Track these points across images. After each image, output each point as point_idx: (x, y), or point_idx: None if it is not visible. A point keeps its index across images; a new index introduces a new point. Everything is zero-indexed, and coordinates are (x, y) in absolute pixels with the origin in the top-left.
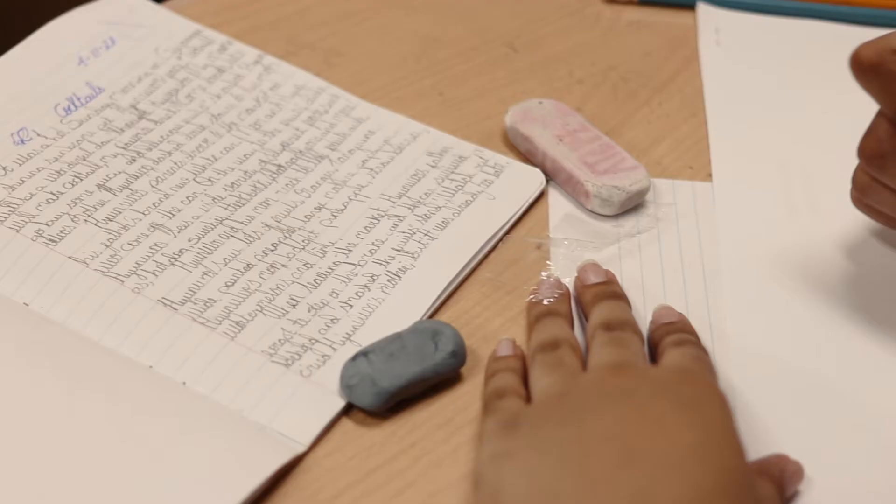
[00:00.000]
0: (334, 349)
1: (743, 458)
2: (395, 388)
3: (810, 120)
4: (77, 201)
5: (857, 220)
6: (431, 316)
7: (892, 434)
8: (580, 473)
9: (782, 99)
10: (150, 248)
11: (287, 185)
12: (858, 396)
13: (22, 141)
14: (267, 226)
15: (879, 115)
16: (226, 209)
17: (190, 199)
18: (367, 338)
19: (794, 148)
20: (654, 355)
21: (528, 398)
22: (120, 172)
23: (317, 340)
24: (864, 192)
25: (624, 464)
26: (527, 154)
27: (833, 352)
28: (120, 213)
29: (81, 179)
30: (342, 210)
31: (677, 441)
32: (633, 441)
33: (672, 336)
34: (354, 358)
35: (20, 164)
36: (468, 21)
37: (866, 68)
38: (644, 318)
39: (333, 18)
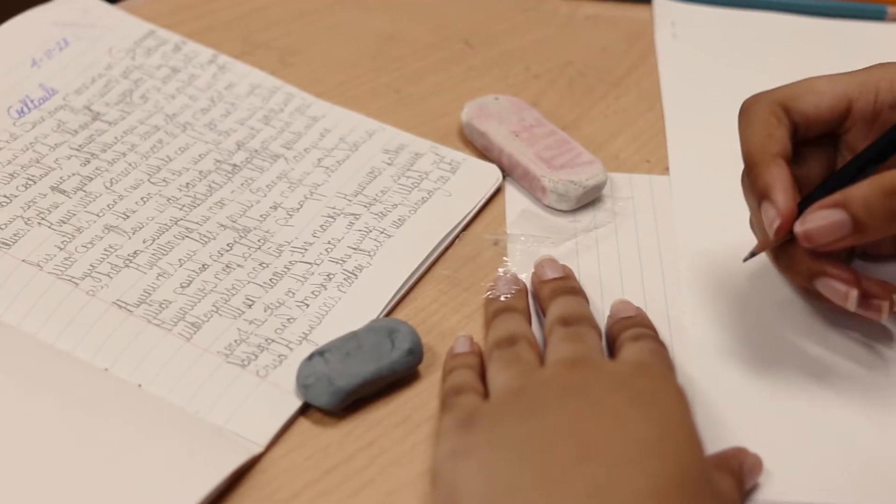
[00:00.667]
0: (291, 349)
1: (700, 452)
2: (352, 387)
3: None
4: (31, 204)
5: None
6: (388, 314)
7: (851, 426)
8: (537, 469)
9: (739, 92)
10: (105, 249)
11: (242, 184)
12: (817, 389)
13: None
14: (222, 226)
15: None
16: (181, 210)
17: (145, 200)
18: (323, 337)
19: None
20: (612, 350)
21: (485, 394)
22: (74, 174)
23: (273, 340)
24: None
25: (581, 459)
26: (483, 150)
27: (791, 344)
28: (74, 215)
29: (35, 182)
30: (298, 209)
31: (634, 436)
32: (590, 436)
33: (630, 330)
34: (311, 357)
35: None
36: (424, 18)
37: (740, 110)
38: (602, 312)
39: (289, 17)
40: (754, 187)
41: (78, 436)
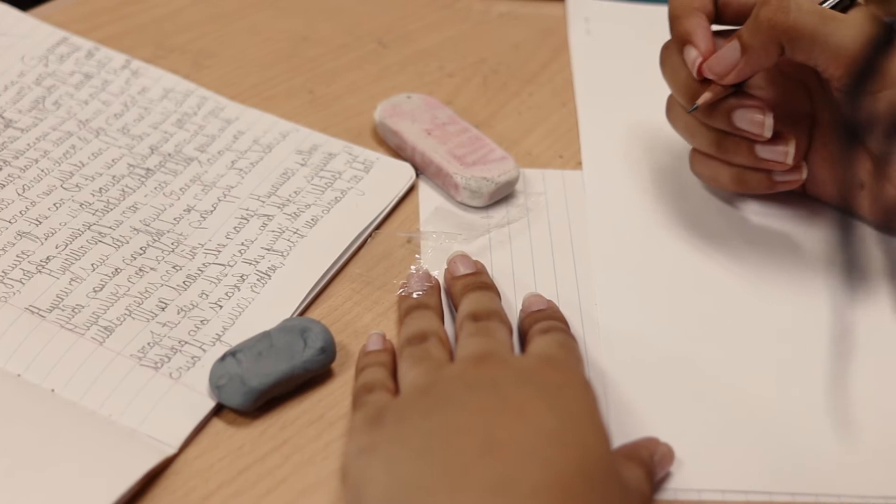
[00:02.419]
0: (204, 350)
1: (606, 443)
2: (265, 387)
3: None
4: None
5: (725, 207)
6: (302, 313)
7: (763, 414)
8: (440, 464)
9: (651, 86)
10: (17, 256)
11: (156, 188)
12: (727, 379)
13: None
14: (135, 230)
15: None
16: (94, 214)
17: (57, 205)
18: (237, 338)
19: (663, 135)
20: (523, 343)
21: (397, 391)
22: None
23: (186, 342)
24: None
25: (484, 452)
26: (396, 149)
27: (702, 335)
28: None
29: None
30: (211, 211)
31: (538, 428)
32: (494, 429)
33: (540, 324)
34: (223, 358)
35: None
36: (338, 18)
37: None
38: (515, 307)
39: (203, 21)
40: (675, 37)
41: None
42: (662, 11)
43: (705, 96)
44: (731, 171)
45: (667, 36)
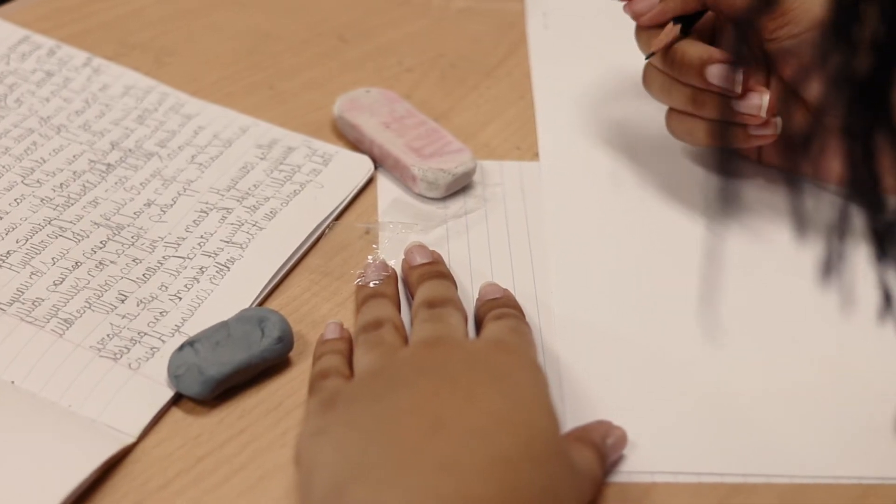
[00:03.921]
0: (163, 341)
1: (555, 426)
2: (222, 376)
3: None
4: None
5: (681, 197)
6: (261, 304)
7: (715, 397)
8: (388, 444)
9: (608, 79)
10: None
11: (116, 183)
12: (680, 364)
13: None
14: (96, 224)
15: None
16: (54, 209)
17: (18, 201)
18: (195, 329)
19: (620, 126)
20: (479, 331)
21: (351, 378)
22: None
23: (145, 333)
24: None
25: (431, 432)
26: (355, 142)
27: (656, 322)
28: None
29: None
30: (171, 205)
31: (486, 409)
32: (442, 411)
33: (494, 311)
34: (181, 348)
35: None
36: (299, 15)
37: None
38: (471, 296)
39: (166, 18)
40: None
41: None
42: (619, 6)
43: (657, 42)
44: (707, 126)
45: (625, 30)
